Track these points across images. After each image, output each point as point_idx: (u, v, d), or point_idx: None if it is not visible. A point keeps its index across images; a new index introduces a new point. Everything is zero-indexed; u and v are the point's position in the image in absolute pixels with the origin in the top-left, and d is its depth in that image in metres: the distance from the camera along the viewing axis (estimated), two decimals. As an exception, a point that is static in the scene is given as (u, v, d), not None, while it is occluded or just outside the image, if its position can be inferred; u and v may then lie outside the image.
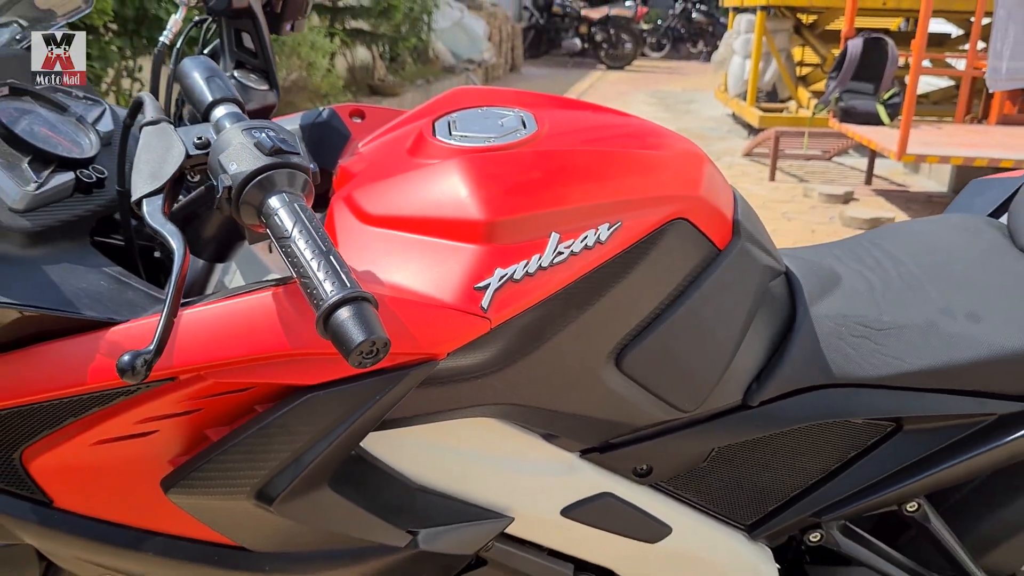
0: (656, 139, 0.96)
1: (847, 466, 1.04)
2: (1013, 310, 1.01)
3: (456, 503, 0.94)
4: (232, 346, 0.76)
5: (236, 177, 0.67)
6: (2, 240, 0.78)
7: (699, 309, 0.92)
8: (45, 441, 0.82)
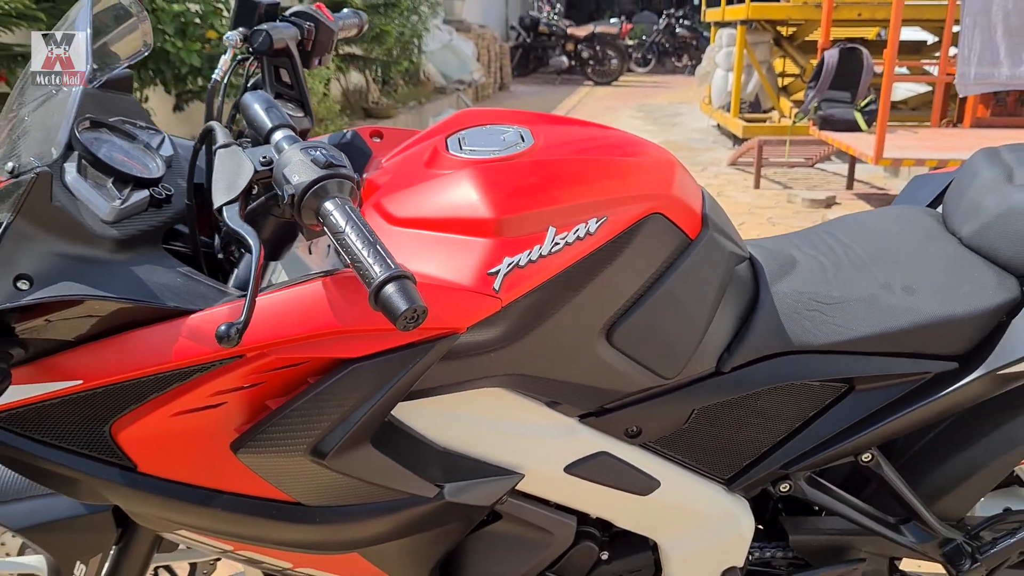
0: (634, 147, 1.14)
1: (808, 423, 1.20)
2: (943, 283, 1.18)
3: (474, 462, 1.10)
4: (291, 326, 0.93)
5: (298, 187, 0.84)
6: (97, 247, 0.94)
7: (675, 290, 1.09)
8: (131, 415, 0.98)
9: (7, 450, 1.00)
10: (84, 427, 0.99)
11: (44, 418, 0.98)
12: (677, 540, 1.24)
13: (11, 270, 0.87)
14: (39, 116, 1.00)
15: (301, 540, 1.09)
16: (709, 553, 1.25)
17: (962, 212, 1.29)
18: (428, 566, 1.18)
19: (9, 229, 0.87)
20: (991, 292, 1.16)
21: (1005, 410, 1.27)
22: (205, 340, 0.93)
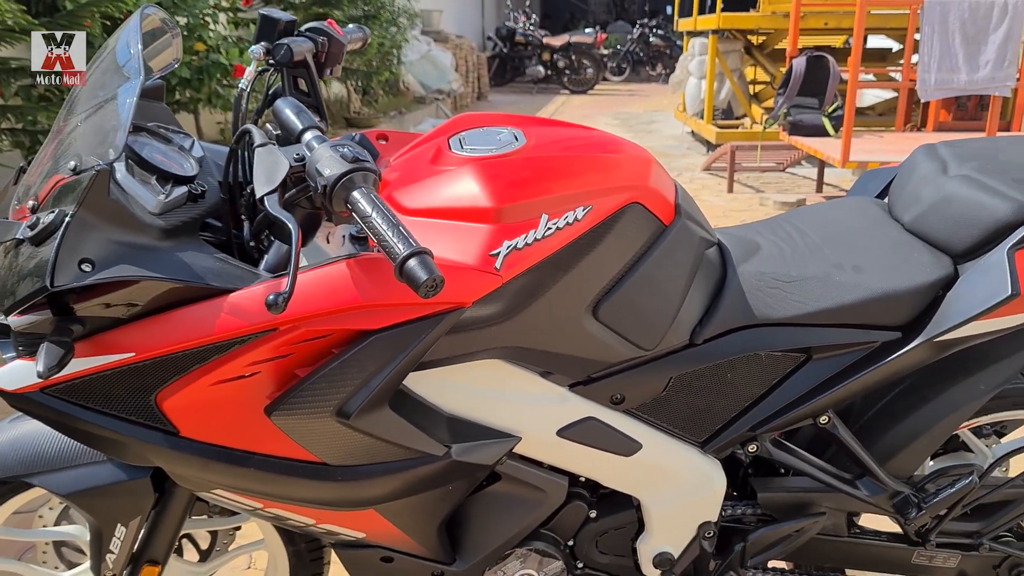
0: (614, 145, 1.29)
1: (772, 390, 1.35)
2: (888, 263, 1.34)
3: (477, 426, 1.24)
4: (320, 302, 1.06)
5: (329, 179, 0.97)
6: (147, 235, 1.07)
7: (653, 270, 1.24)
8: (175, 384, 1.11)
9: (64, 418, 1.13)
10: (133, 396, 1.12)
11: (98, 388, 1.11)
12: (658, 498, 1.38)
13: (76, 255, 1.00)
14: (92, 122, 1.12)
15: (324, 497, 1.22)
16: (686, 509, 1.40)
17: (904, 201, 1.45)
18: (436, 522, 1.31)
19: (74, 219, 1.00)
20: (928, 270, 1.32)
21: (946, 379, 1.43)
22: (243, 316, 1.06)
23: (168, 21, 1.27)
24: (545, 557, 1.40)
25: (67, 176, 1.06)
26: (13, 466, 1.29)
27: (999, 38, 4.74)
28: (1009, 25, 4.75)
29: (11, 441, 1.31)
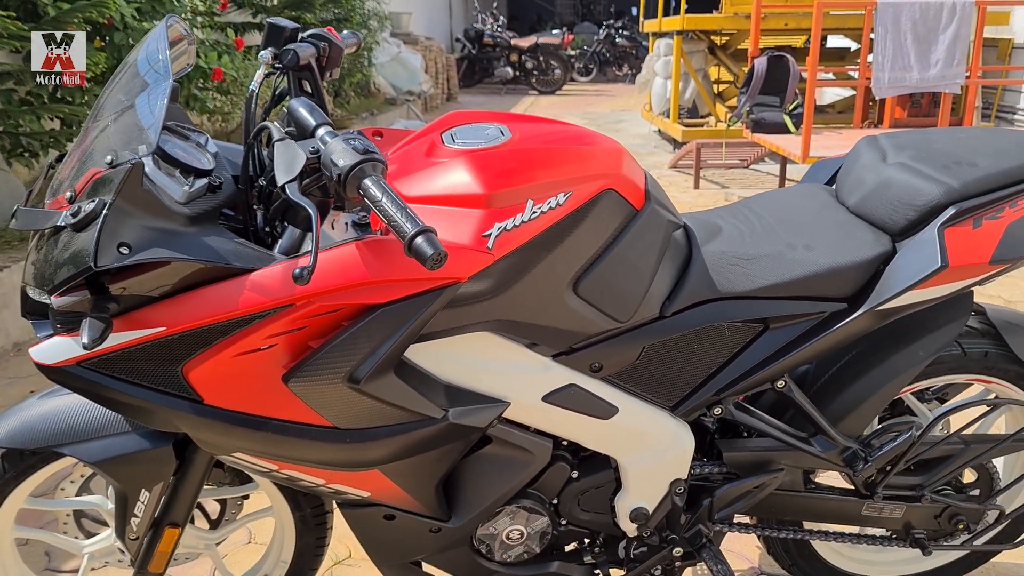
0: (590, 138, 1.43)
1: (734, 357, 1.50)
2: (834, 241, 1.50)
3: (470, 393, 1.37)
4: (332, 279, 1.19)
5: (344, 168, 1.10)
6: (175, 221, 1.19)
7: (626, 250, 1.39)
8: (200, 357, 1.24)
9: (98, 388, 1.25)
10: (162, 368, 1.24)
11: (129, 361, 1.23)
12: (633, 458, 1.53)
13: (115, 239, 1.12)
14: (123, 120, 1.25)
15: (333, 459, 1.35)
16: (659, 468, 1.54)
17: (848, 187, 1.61)
18: (434, 482, 1.45)
19: (112, 207, 1.12)
20: (870, 247, 1.48)
21: (889, 348, 1.59)
22: (263, 292, 1.19)
23: (186, 30, 1.39)
24: (532, 514, 1.54)
25: (103, 169, 1.18)
26: (45, 437, 1.40)
27: (948, 38, 4.98)
28: (957, 26, 4.99)
29: (42, 415, 1.43)
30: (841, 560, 1.89)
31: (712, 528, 1.64)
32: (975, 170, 1.47)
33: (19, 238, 3.77)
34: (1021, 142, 1.55)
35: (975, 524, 1.75)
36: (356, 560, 2.07)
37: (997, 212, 1.44)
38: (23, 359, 3.30)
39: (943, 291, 1.46)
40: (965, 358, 1.65)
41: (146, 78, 1.28)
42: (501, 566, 1.59)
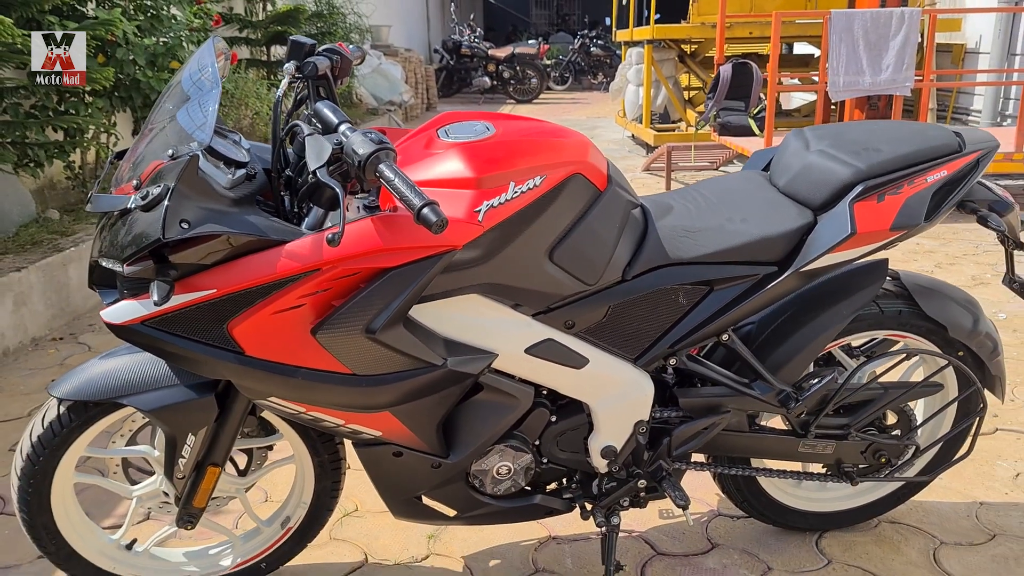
0: (562, 132, 1.71)
1: (685, 315, 1.79)
2: (766, 216, 1.79)
3: (464, 346, 1.65)
4: (353, 247, 1.46)
5: (364, 156, 1.38)
6: (223, 203, 1.46)
7: (592, 224, 1.67)
8: (243, 315, 1.50)
9: (157, 343, 1.52)
10: (211, 325, 1.51)
11: (184, 319, 1.50)
12: (602, 402, 1.80)
13: (177, 216, 1.39)
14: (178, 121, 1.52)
15: (352, 402, 1.62)
16: (624, 411, 1.82)
17: (779, 171, 1.91)
18: (435, 422, 1.72)
19: (175, 191, 1.39)
20: (795, 219, 1.77)
21: (817, 307, 1.88)
22: (296, 259, 1.46)
23: (224, 47, 1.67)
24: (517, 452, 1.81)
25: (165, 161, 1.45)
26: (105, 391, 1.66)
27: (898, 44, 5.33)
28: (906, 32, 5.34)
29: (102, 373, 1.68)
30: (786, 497, 2.17)
31: (671, 465, 1.92)
32: (879, 155, 1.77)
33: (32, 241, 4.00)
34: (918, 131, 1.85)
35: (896, 458, 2.05)
36: (363, 513, 2.33)
37: (897, 188, 1.74)
38: (40, 353, 3.54)
39: (854, 254, 1.75)
40: (883, 316, 1.95)
41: (197, 85, 1.55)
42: (492, 499, 1.86)
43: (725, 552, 2.15)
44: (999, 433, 2.75)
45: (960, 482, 2.45)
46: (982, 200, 1.84)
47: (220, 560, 2.00)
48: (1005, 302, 4.04)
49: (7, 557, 2.15)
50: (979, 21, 7.81)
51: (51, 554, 1.82)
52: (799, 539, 2.20)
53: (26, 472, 1.73)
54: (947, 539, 2.18)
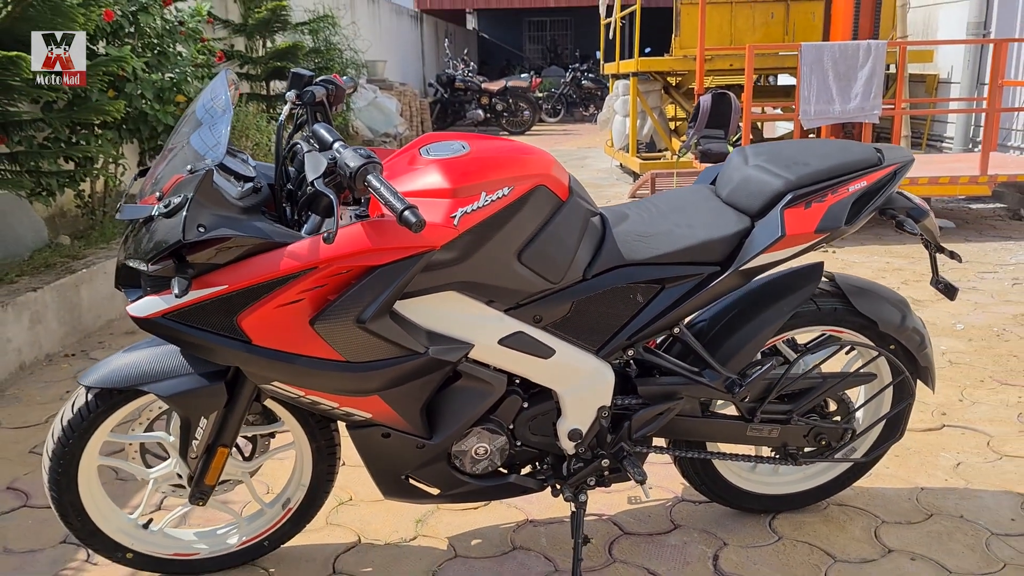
0: (529, 150, 1.96)
1: (641, 310, 2.02)
2: (710, 222, 2.03)
3: (444, 336, 1.88)
4: (345, 248, 1.70)
5: (354, 168, 1.61)
6: (234, 211, 1.70)
7: (556, 230, 1.91)
8: (250, 308, 1.73)
9: (176, 334, 1.75)
10: (222, 318, 1.74)
11: (199, 313, 1.73)
12: (568, 389, 2.03)
13: (195, 222, 1.63)
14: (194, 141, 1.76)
15: (345, 387, 1.84)
16: (588, 397, 2.05)
17: (722, 183, 2.15)
18: (419, 405, 1.94)
19: (192, 201, 1.63)
20: (735, 225, 2.02)
21: (760, 305, 2.12)
22: (296, 259, 1.70)
23: (235, 78, 1.92)
24: (493, 434, 2.03)
25: (184, 174, 1.70)
26: (129, 379, 1.89)
27: (865, 75, 5.62)
28: (873, 64, 5.64)
29: (125, 364, 1.91)
30: (741, 481, 2.39)
31: (632, 447, 2.14)
32: (807, 168, 2.02)
33: (45, 264, 4.24)
34: (842, 148, 2.11)
35: (836, 441, 2.27)
36: (356, 502, 2.55)
37: (822, 197, 1.99)
38: (55, 368, 3.76)
39: (785, 254, 2.00)
40: (820, 313, 2.19)
41: (209, 112, 1.81)
42: (472, 478, 2.08)
43: (686, 531, 2.37)
44: (946, 429, 2.98)
45: (905, 470, 2.67)
46: (901, 208, 2.09)
47: (227, 539, 2.21)
48: (963, 314, 4.28)
49: (31, 543, 2.36)
50: (950, 53, 8.14)
51: (76, 530, 2.04)
52: (754, 520, 2.41)
53: (56, 454, 1.95)
54: (888, 518, 2.40)
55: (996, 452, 2.79)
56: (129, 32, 4.83)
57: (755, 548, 2.28)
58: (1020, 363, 3.59)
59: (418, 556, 2.27)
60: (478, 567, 2.22)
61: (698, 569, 2.19)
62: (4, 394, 3.46)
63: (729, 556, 2.24)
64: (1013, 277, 4.98)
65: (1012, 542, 2.26)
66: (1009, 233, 6.19)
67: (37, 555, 2.31)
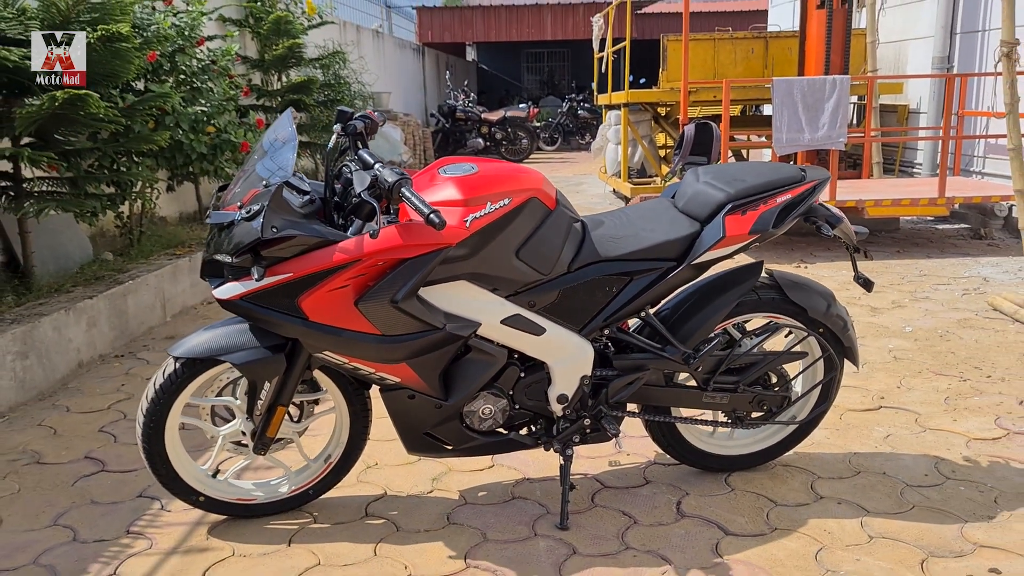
0: (524, 170, 2.48)
1: (614, 298, 2.53)
2: (668, 227, 2.54)
3: (458, 317, 2.39)
4: (382, 244, 2.22)
5: (392, 182, 2.12)
6: (296, 216, 2.22)
7: (546, 232, 2.42)
8: (308, 292, 2.24)
9: (251, 312, 2.27)
10: (287, 300, 2.25)
11: (270, 295, 2.25)
12: (557, 361, 2.53)
13: (270, 224, 2.15)
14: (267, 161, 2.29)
15: (380, 356, 2.34)
16: (572, 368, 2.55)
17: (679, 197, 2.68)
18: (438, 372, 2.43)
19: (267, 208, 2.16)
20: (687, 228, 2.53)
21: (712, 294, 2.64)
22: (344, 252, 2.21)
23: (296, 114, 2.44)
24: (496, 398, 2.53)
25: (260, 188, 2.22)
26: (210, 351, 2.39)
27: (831, 106, 6.18)
28: (838, 96, 6.20)
29: (207, 338, 2.42)
30: (702, 444, 2.88)
31: (609, 410, 2.64)
32: (744, 184, 2.55)
33: (94, 277, 4.76)
34: (774, 169, 2.63)
35: (777, 407, 2.78)
36: (382, 466, 3.04)
37: (755, 206, 2.51)
38: (107, 366, 4.26)
39: (727, 251, 2.52)
40: (760, 302, 2.70)
41: (273, 144, 2.33)
42: (478, 435, 2.58)
43: (656, 486, 2.86)
44: (882, 409, 3.48)
45: (842, 440, 3.17)
46: (821, 216, 2.62)
47: (279, 488, 2.70)
48: (914, 319, 4.80)
49: (113, 497, 2.85)
50: (919, 85, 8.73)
51: (161, 476, 2.53)
52: (713, 477, 2.90)
53: (149, 412, 2.45)
54: (823, 475, 2.90)
55: (921, 426, 3.29)
56: (166, 70, 5.38)
57: (711, 496, 2.77)
58: (956, 359, 4.10)
59: (434, 504, 2.76)
60: (485, 511, 2.71)
61: (664, 512, 2.68)
62: (67, 387, 3.97)
63: (690, 502, 2.74)
64: (964, 288, 5.50)
65: (922, 491, 2.76)
66: (968, 250, 6.72)
67: (119, 505, 2.80)
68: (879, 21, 8.59)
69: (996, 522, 2.54)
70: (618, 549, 2.45)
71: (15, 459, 3.16)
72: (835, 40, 7.39)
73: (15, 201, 4.28)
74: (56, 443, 3.31)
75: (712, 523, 2.59)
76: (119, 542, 2.55)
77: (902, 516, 2.60)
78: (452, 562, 2.40)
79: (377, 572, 2.36)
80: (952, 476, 2.86)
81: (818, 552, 2.41)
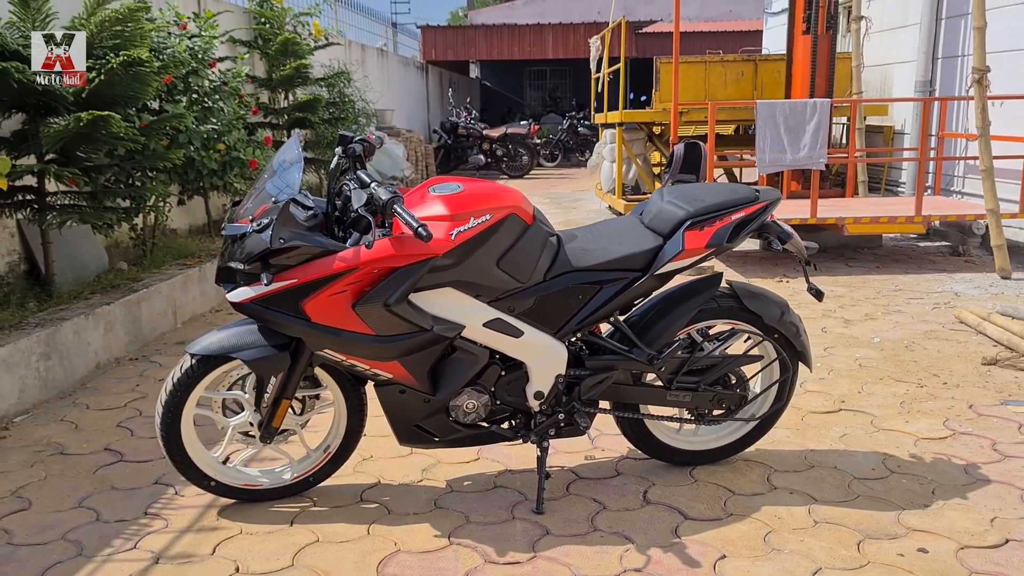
0: (505, 189, 2.77)
1: (585, 304, 2.81)
2: (634, 241, 2.83)
3: (444, 320, 2.67)
4: (377, 254, 2.51)
5: (386, 199, 2.41)
6: (301, 229, 2.51)
7: (524, 245, 2.71)
8: (310, 296, 2.53)
9: (260, 314, 2.56)
10: (291, 303, 2.54)
11: (277, 299, 2.54)
12: (534, 361, 2.81)
13: (278, 235, 2.44)
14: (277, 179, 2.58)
15: (374, 354, 2.63)
16: (548, 367, 2.83)
17: (645, 214, 2.96)
18: (426, 369, 2.71)
19: (275, 222, 2.45)
20: (651, 242, 2.82)
21: (675, 303, 2.92)
22: (343, 261, 2.50)
23: (301, 137, 2.75)
24: (479, 393, 2.81)
25: (269, 204, 2.52)
26: (224, 349, 2.68)
27: (812, 128, 6.48)
28: (819, 119, 6.50)
29: (220, 337, 2.70)
30: (669, 439, 3.15)
31: (582, 407, 2.92)
32: (703, 203, 2.84)
33: (110, 285, 5.05)
34: (731, 189, 2.92)
35: (736, 406, 3.05)
36: (376, 459, 3.32)
37: (712, 222, 2.80)
38: (123, 368, 4.55)
39: (686, 263, 2.80)
40: (720, 309, 2.98)
41: (282, 165, 2.63)
42: (463, 427, 2.85)
43: (626, 477, 3.13)
44: (842, 411, 3.76)
45: (800, 439, 3.45)
46: (773, 231, 2.90)
47: (283, 475, 2.98)
48: (883, 330, 5.07)
49: (131, 484, 3.13)
50: (903, 107, 9.03)
51: (177, 462, 2.81)
52: (679, 470, 3.18)
53: (167, 403, 2.73)
54: (779, 468, 3.17)
55: (876, 427, 3.57)
56: (180, 90, 5.70)
57: (676, 487, 3.04)
58: (917, 367, 4.38)
59: (423, 491, 3.04)
60: (468, 497, 2.98)
61: (631, 499, 2.95)
62: (86, 387, 4.26)
63: (656, 491, 3.01)
64: (935, 303, 5.78)
65: (868, 483, 3.03)
66: (945, 267, 7.00)
67: (137, 491, 3.08)
68: (864, 46, 8.90)
69: (930, 510, 2.81)
70: (587, 531, 2.72)
71: (40, 450, 3.45)
72: (820, 64, 7.70)
73: (39, 213, 4.58)
74: (78, 436, 3.60)
75: (674, 509, 2.86)
76: (138, 522, 2.83)
77: (847, 504, 2.87)
78: (437, 540, 2.67)
79: (370, 548, 2.63)
80: (897, 470, 3.13)
81: (767, 534, 2.68)
